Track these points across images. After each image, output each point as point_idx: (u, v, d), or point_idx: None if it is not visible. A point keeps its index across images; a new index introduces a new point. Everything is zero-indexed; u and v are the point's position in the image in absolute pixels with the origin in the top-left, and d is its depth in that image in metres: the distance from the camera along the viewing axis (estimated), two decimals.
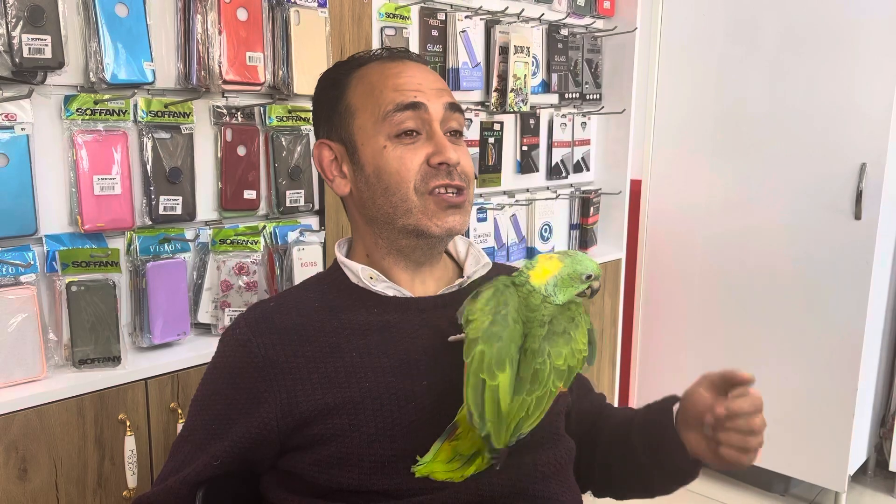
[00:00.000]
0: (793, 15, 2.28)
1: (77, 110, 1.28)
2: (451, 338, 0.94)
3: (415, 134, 0.97)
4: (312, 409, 0.90)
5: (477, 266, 1.07)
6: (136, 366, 1.30)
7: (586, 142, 2.50)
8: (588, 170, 2.54)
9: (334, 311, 0.98)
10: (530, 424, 0.83)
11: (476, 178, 2.10)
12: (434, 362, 0.94)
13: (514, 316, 0.86)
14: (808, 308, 2.34)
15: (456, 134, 1.01)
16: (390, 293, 1.01)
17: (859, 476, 2.59)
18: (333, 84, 1.04)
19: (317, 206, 1.66)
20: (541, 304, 0.89)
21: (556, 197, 2.39)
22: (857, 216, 2.21)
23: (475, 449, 0.84)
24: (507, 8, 2.07)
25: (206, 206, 1.49)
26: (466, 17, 1.99)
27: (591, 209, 2.48)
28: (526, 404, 0.83)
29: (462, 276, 1.06)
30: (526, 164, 2.27)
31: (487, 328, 0.85)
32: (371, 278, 1.00)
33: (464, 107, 2.01)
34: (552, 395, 0.85)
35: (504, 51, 2.05)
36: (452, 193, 0.98)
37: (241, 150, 1.51)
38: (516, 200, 2.26)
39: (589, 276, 0.91)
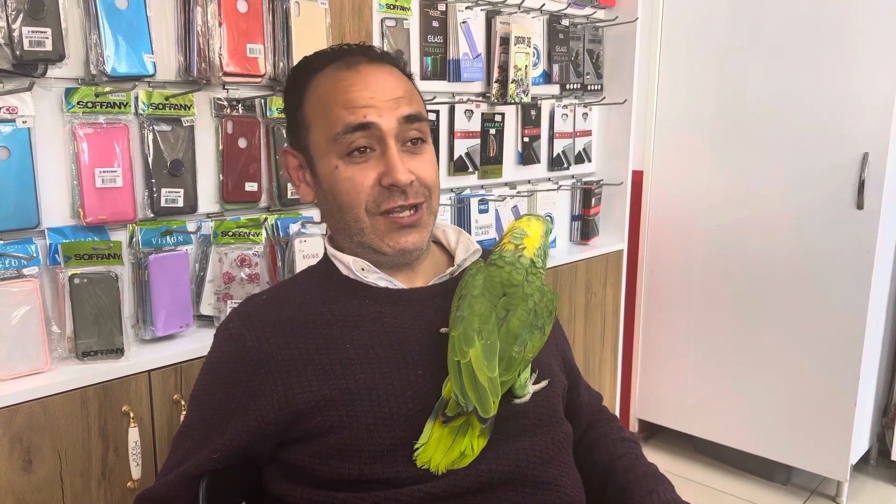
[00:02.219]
0: (794, 4, 2.27)
1: (78, 103, 1.28)
2: (443, 329, 0.97)
3: (368, 150, 0.96)
4: (309, 401, 0.91)
5: (467, 254, 1.08)
6: (140, 358, 1.31)
7: (588, 133, 2.50)
8: (589, 161, 2.53)
9: (326, 302, 0.99)
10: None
11: (478, 168, 2.10)
12: (427, 352, 0.95)
13: (479, 292, 0.92)
14: (809, 298, 2.34)
15: (417, 142, 0.99)
16: (382, 284, 1.01)
17: (861, 465, 2.60)
18: (293, 88, 1.03)
19: None
20: (523, 281, 0.94)
21: (558, 188, 2.39)
22: (860, 206, 2.20)
23: (463, 419, 0.87)
24: None
25: (207, 198, 1.49)
26: (467, 7, 1.99)
27: (593, 200, 2.47)
28: (496, 382, 0.88)
29: (453, 266, 1.07)
30: (527, 156, 2.27)
31: (453, 315, 0.91)
32: (363, 269, 1.01)
33: (465, 98, 2.02)
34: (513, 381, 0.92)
35: (505, 41, 2.05)
36: (408, 213, 0.98)
37: (243, 143, 1.51)
38: (518, 192, 2.26)
39: (548, 232, 1.01)
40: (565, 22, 2.31)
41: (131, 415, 1.27)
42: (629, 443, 1.11)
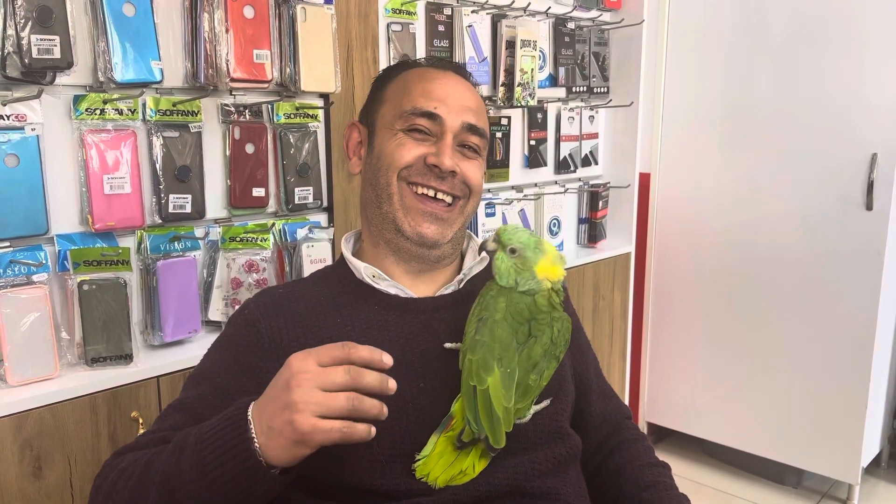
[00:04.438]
0: (801, 4, 2.26)
1: (86, 110, 1.29)
2: (447, 345, 0.97)
3: (426, 133, 1.01)
4: None
5: (473, 262, 1.08)
6: (148, 363, 1.31)
7: (594, 135, 2.50)
8: (596, 163, 2.53)
9: (338, 306, 1.00)
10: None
11: (485, 172, 2.10)
12: (429, 365, 0.95)
13: (501, 316, 0.90)
14: (819, 300, 2.32)
15: (469, 149, 1.04)
16: (392, 292, 1.02)
17: (872, 468, 2.58)
18: (385, 76, 1.11)
19: (325, 203, 1.66)
20: (548, 307, 0.92)
21: (565, 191, 2.39)
22: (869, 207, 2.19)
23: (470, 438, 0.86)
24: (513, 2, 2.07)
25: (215, 203, 1.50)
26: (473, 11, 1.99)
27: (600, 203, 2.47)
28: (511, 412, 0.87)
29: (459, 273, 1.07)
30: (534, 159, 2.27)
31: (472, 337, 0.89)
32: (373, 277, 1.02)
33: None
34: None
35: (511, 45, 2.05)
36: (443, 202, 1.01)
37: (250, 148, 1.51)
38: (524, 195, 2.26)
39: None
40: (571, 25, 2.30)
41: (140, 420, 1.28)
42: (658, 468, 1.07)
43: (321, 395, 0.71)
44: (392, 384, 0.75)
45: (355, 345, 0.74)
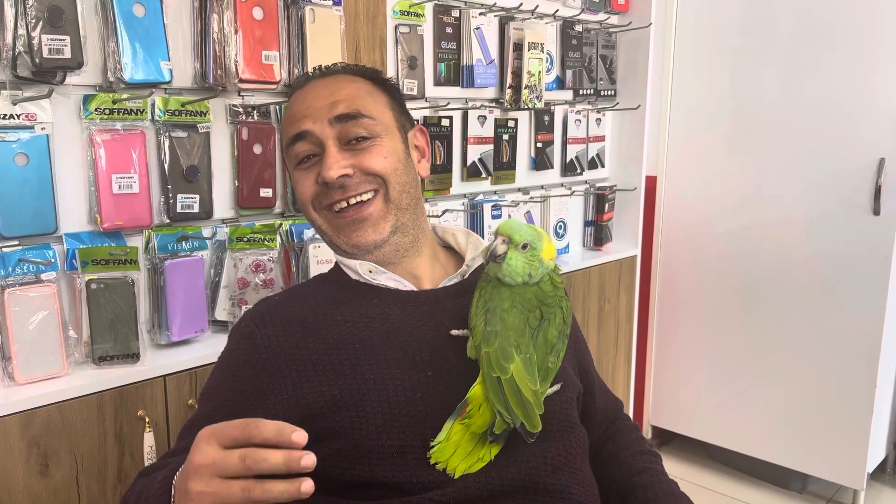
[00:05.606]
0: (809, 7, 2.26)
1: (96, 110, 1.29)
2: (453, 332, 0.96)
3: (312, 157, 1.02)
4: (319, 400, 0.91)
5: (475, 253, 1.08)
6: (155, 363, 1.32)
7: (601, 138, 2.50)
8: (603, 166, 2.53)
9: (337, 304, 1.00)
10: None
11: (491, 174, 2.10)
12: (437, 354, 0.95)
13: (510, 305, 0.89)
14: (825, 304, 2.32)
15: (362, 140, 1.01)
16: (391, 285, 1.02)
17: (878, 474, 2.57)
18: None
19: None
20: (553, 290, 0.92)
21: (571, 194, 2.39)
22: (876, 212, 2.19)
23: (486, 426, 0.86)
24: (521, 4, 2.07)
25: (222, 204, 1.50)
26: (481, 13, 1.99)
27: (606, 206, 2.47)
28: (539, 395, 0.88)
29: (461, 266, 1.08)
30: (540, 161, 2.27)
31: (483, 330, 0.89)
32: (371, 272, 1.02)
33: (478, 104, 2.02)
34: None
35: (518, 47, 2.05)
36: (359, 204, 1.00)
37: (258, 149, 1.52)
38: (531, 197, 2.26)
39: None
40: (578, 27, 2.30)
41: (146, 419, 1.28)
42: (649, 456, 1.09)
43: (216, 484, 0.70)
44: (305, 462, 0.67)
45: (259, 424, 0.69)
